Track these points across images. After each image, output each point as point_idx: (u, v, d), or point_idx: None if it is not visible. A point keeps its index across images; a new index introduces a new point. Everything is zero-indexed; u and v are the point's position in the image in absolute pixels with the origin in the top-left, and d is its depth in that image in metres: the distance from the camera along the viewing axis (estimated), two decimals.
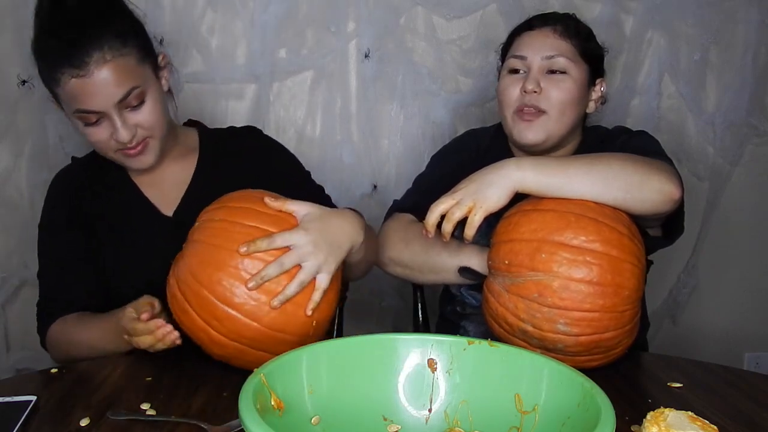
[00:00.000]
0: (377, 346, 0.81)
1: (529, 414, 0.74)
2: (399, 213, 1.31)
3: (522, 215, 1.03)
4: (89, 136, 1.10)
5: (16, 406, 0.86)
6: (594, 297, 0.94)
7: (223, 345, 0.94)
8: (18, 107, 1.76)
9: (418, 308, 1.52)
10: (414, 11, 1.87)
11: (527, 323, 0.97)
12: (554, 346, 0.96)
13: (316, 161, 1.81)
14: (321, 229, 0.96)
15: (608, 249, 0.96)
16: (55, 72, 1.04)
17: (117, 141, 1.09)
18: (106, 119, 1.07)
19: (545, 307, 0.95)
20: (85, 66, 1.02)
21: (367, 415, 0.78)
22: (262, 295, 0.92)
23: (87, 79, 1.03)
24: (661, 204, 1.04)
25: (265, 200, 0.98)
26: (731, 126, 1.98)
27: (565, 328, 0.95)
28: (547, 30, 1.25)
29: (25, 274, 1.80)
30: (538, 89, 1.22)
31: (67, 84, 1.04)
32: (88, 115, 1.07)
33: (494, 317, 1.03)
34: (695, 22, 1.93)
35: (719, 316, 2.10)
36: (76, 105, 1.06)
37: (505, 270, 1.00)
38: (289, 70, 1.85)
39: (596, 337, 0.96)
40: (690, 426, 0.72)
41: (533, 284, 0.96)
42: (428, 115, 1.89)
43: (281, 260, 0.92)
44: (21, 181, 1.79)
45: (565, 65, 1.23)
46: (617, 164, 1.04)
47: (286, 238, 0.94)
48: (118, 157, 1.14)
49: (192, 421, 0.83)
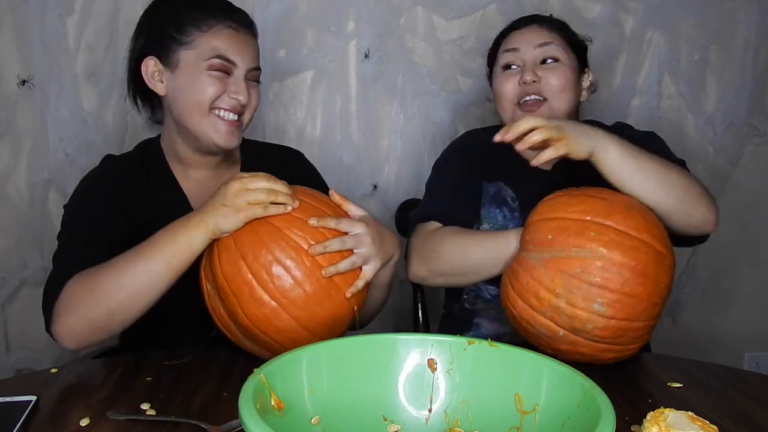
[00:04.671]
0: (377, 346, 0.81)
1: (529, 414, 0.74)
2: (422, 224, 1.28)
3: (570, 197, 1.05)
4: (206, 87, 1.14)
5: (16, 406, 0.86)
6: (635, 283, 0.96)
7: (262, 303, 0.96)
8: (18, 107, 1.76)
9: (418, 308, 1.52)
10: (414, 11, 1.87)
11: (561, 298, 0.97)
12: (583, 326, 0.96)
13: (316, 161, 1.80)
14: (376, 230, 1.06)
15: (654, 242, 0.99)
16: (212, 18, 1.14)
17: (234, 98, 1.16)
18: (231, 77, 1.16)
19: (585, 283, 0.96)
20: (243, 24, 1.17)
21: (367, 415, 0.78)
22: (315, 265, 0.98)
23: (241, 35, 1.16)
24: (696, 228, 1.11)
25: (330, 192, 1.08)
26: (731, 126, 1.99)
27: (601, 308, 0.95)
28: (534, 26, 1.31)
29: (25, 274, 1.80)
30: (537, 78, 1.25)
31: (221, 32, 1.15)
32: (225, 64, 1.15)
33: (522, 293, 1.02)
34: (695, 22, 1.93)
35: (719, 316, 2.10)
36: (220, 52, 1.14)
37: (547, 244, 1.00)
38: (289, 70, 1.85)
39: (625, 324, 0.97)
40: (690, 426, 0.72)
41: (577, 260, 0.97)
42: (428, 115, 1.89)
43: (343, 239, 1.00)
44: (21, 181, 1.79)
45: (557, 53, 1.27)
46: (682, 178, 1.09)
47: (351, 224, 1.03)
48: (211, 125, 1.16)
49: (192, 421, 0.83)
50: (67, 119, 1.76)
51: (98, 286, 1.00)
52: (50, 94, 1.75)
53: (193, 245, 1.00)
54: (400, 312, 1.92)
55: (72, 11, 1.75)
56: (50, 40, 1.73)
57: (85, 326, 1.00)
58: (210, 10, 1.16)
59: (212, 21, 1.15)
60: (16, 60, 1.74)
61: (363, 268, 1.03)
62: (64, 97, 1.76)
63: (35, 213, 1.79)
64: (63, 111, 1.76)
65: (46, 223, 1.79)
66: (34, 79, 1.75)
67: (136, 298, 1.00)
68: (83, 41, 1.77)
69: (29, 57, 1.74)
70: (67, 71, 1.76)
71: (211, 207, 1.01)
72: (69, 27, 1.75)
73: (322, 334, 0.99)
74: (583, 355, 1.00)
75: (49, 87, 1.75)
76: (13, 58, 1.74)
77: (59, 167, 1.77)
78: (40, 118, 1.76)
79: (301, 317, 0.97)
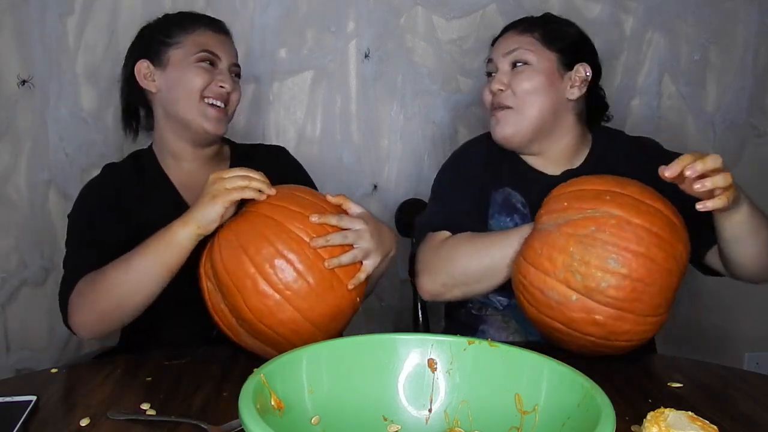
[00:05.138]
0: (377, 346, 0.81)
1: (529, 414, 0.74)
2: (433, 234, 1.25)
3: (585, 176, 1.09)
4: (195, 76, 1.25)
5: (16, 406, 0.86)
6: (649, 243, 0.95)
7: (265, 296, 0.97)
8: (18, 107, 1.76)
9: (418, 308, 1.52)
10: (414, 11, 1.87)
11: (575, 256, 0.96)
12: (597, 285, 0.95)
13: (316, 161, 1.81)
14: (375, 226, 1.09)
15: (669, 213, 1.00)
16: (196, 23, 1.29)
17: (220, 86, 1.27)
18: (217, 69, 1.28)
19: (600, 241, 0.96)
20: (222, 30, 1.33)
21: (367, 415, 0.78)
22: (317, 257, 1.00)
23: (220, 36, 1.31)
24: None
25: (328, 197, 1.10)
26: (731, 126, 1.98)
27: (616, 265, 0.95)
28: (510, 32, 1.32)
29: (25, 274, 1.80)
30: (503, 87, 1.27)
31: (204, 32, 1.29)
32: (211, 56, 1.27)
33: (534, 259, 1.01)
34: (695, 22, 1.93)
35: (719, 316, 2.10)
36: (205, 47, 1.27)
37: (562, 210, 1.01)
38: (289, 70, 1.85)
39: (641, 287, 0.95)
40: (690, 426, 0.72)
41: (591, 219, 0.97)
42: (428, 115, 1.89)
43: (345, 234, 1.03)
44: (20, 181, 1.79)
45: (524, 56, 1.26)
46: None
47: (351, 220, 1.06)
48: (201, 112, 1.26)
49: (192, 421, 0.83)
50: (67, 119, 1.76)
51: (102, 284, 1.09)
52: (50, 94, 1.75)
53: (180, 242, 1.05)
54: (400, 312, 1.92)
55: (72, 11, 1.75)
56: (50, 40, 1.73)
57: (94, 318, 1.11)
58: (193, 18, 1.31)
59: (196, 25, 1.29)
60: (16, 60, 1.74)
61: (364, 262, 1.05)
62: (64, 97, 1.76)
63: (35, 213, 1.79)
64: (63, 111, 1.76)
65: (46, 223, 1.79)
66: (34, 79, 1.75)
67: (135, 292, 1.08)
68: (83, 41, 1.77)
69: (29, 57, 1.74)
70: (67, 71, 1.76)
71: (194, 205, 1.07)
72: (69, 27, 1.75)
73: (325, 326, 1.00)
74: (597, 325, 0.97)
75: (49, 87, 1.75)
76: (13, 58, 1.74)
77: (59, 167, 1.77)
78: (40, 118, 1.76)
79: (304, 309, 0.98)
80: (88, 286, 1.11)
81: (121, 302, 1.09)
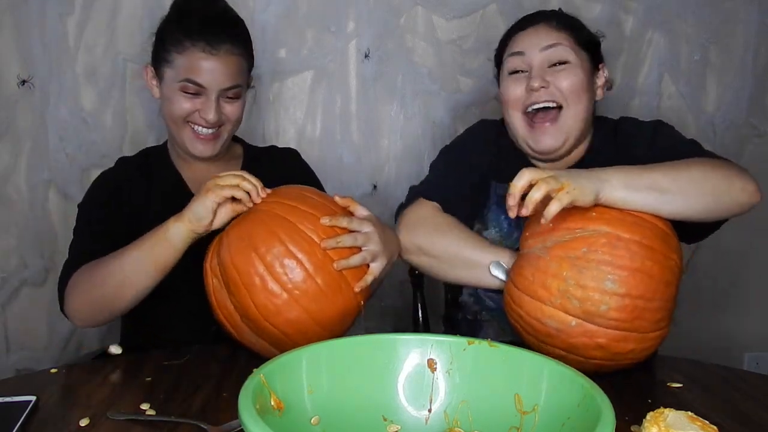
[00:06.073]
0: (377, 346, 0.81)
1: (529, 414, 0.74)
2: (425, 200, 1.24)
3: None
4: (178, 104, 1.21)
5: (16, 406, 0.86)
6: (644, 257, 0.93)
7: (274, 295, 0.97)
8: (18, 107, 1.76)
9: (418, 308, 1.52)
10: (414, 11, 1.87)
11: (570, 281, 0.93)
12: (597, 309, 0.92)
13: (316, 161, 1.80)
14: (382, 230, 1.10)
15: (656, 221, 0.98)
16: (188, 40, 1.19)
17: (203, 117, 1.21)
18: (203, 97, 1.21)
19: (593, 262, 0.93)
20: (217, 47, 1.19)
21: (367, 415, 0.78)
22: (327, 259, 1.00)
23: (212, 59, 1.19)
24: (746, 203, 1.04)
25: (336, 198, 1.10)
26: (731, 126, 1.98)
27: (613, 286, 0.92)
28: (540, 25, 1.21)
29: (25, 274, 1.80)
30: (545, 84, 1.17)
31: (193, 55, 1.19)
32: (193, 87, 1.20)
33: (527, 287, 0.97)
34: (695, 22, 1.93)
35: (719, 316, 2.10)
36: (189, 75, 1.19)
37: (548, 232, 0.98)
38: (289, 70, 1.85)
39: (642, 304, 0.93)
40: (690, 426, 0.72)
41: (581, 240, 0.95)
42: (428, 115, 1.89)
43: (354, 236, 1.03)
44: (21, 181, 1.79)
45: (565, 54, 1.18)
46: (701, 169, 1.02)
47: (361, 223, 1.06)
48: (187, 135, 1.24)
49: (192, 421, 0.83)
50: (67, 119, 1.76)
51: (97, 273, 1.11)
52: (50, 94, 1.75)
53: (171, 238, 1.06)
54: (400, 312, 1.92)
55: (72, 11, 1.75)
56: (50, 40, 1.73)
57: (87, 307, 1.13)
58: (187, 30, 1.20)
59: (187, 43, 1.19)
60: (16, 60, 1.74)
61: (371, 265, 1.06)
62: (64, 97, 1.76)
63: (35, 213, 1.79)
64: (63, 111, 1.76)
65: (46, 223, 1.79)
66: (34, 79, 1.75)
67: (126, 285, 1.09)
68: (83, 41, 1.77)
69: (29, 57, 1.74)
70: (67, 71, 1.76)
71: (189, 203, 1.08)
72: (69, 27, 1.75)
73: (331, 327, 1.00)
74: (601, 348, 0.94)
75: (49, 87, 1.75)
76: (13, 58, 1.74)
77: (59, 167, 1.77)
78: (40, 118, 1.76)
79: (312, 309, 0.98)
80: (84, 274, 1.13)
81: (113, 294, 1.09)
